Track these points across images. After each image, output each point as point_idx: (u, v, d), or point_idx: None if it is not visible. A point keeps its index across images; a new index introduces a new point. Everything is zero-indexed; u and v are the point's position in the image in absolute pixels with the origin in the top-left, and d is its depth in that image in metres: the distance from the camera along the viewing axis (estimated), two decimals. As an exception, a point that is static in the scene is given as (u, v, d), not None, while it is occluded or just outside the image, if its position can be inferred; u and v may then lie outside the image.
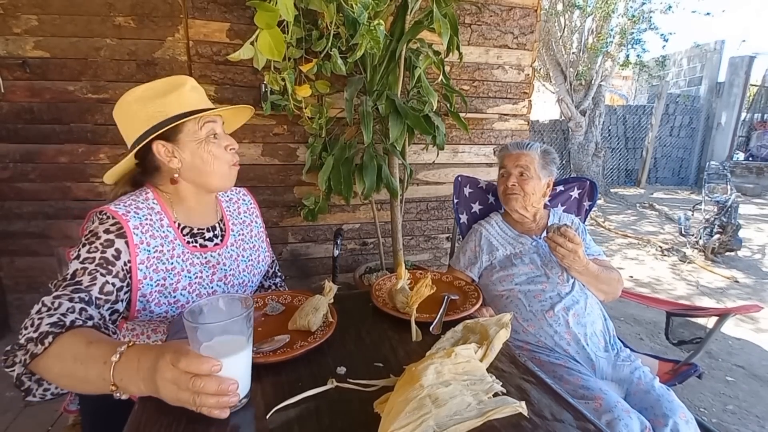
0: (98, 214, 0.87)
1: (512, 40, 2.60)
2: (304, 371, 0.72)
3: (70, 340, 0.66)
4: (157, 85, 0.91)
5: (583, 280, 1.28)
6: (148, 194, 0.93)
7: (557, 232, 1.20)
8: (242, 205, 1.14)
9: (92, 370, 0.62)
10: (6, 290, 2.29)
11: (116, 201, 0.89)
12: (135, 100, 0.89)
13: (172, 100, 0.88)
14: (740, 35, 54.16)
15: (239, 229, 1.08)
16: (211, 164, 0.92)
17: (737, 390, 2.09)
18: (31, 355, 0.64)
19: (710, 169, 4.61)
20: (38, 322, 0.67)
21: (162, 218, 0.92)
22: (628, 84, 13.33)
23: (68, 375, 0.64)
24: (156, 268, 0.88)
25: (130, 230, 0.84)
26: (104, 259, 0.81)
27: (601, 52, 6.83)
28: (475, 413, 0.57)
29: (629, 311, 2.93)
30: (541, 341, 1.23)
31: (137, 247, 0.85)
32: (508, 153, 1.47)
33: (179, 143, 0.90)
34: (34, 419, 1.70)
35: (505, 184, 1.43)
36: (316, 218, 2.26)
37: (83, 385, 0.65)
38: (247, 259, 1.08)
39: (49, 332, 0.65)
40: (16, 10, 2.00)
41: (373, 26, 1.51)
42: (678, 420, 0.99)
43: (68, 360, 0.63)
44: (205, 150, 0.91)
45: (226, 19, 2.16)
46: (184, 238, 0.95)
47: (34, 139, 2.14)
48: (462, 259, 1.47)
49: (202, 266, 0.96)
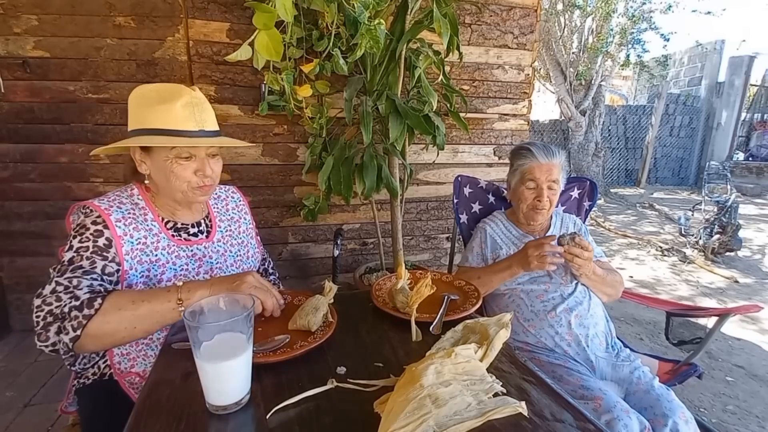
0: (82, 208, 0.91)
1: (512, 40, 2.60)
2: (304, 371, 0.72)
3: (119, 294, 0.78)
4: (161, 89, 0.91)
5: (589, 283, 1.28)
6: (133, 190, 0.97)
7: (572, 243, 1.14)
8: (231, 202, 1.16)
9: (155, 300, 0.77)
10: (6, 290, 2.29)
11: (100, 197, 0.93)
12: (135, 98, 0.92)
13: (159, 112, 0.88)
14: (740, 35, 54.10)
15: (227, 225, 1.10)
16: (173, 183, 0.92)
17: (737, 390, 2.09)
18: (84, 316, 0.73)
19: (710, 169, 4.61)
20: (70, 294, 0.76)
21: (146, 213, 0.95)
22: (628, 84, 13.32)
23: (128, 319, 0.76)
24: (140, 259, 0.90)
25: (112, 223, 0.88)
26: (97, 247, 0.85)
27: (601, 52, 6.82)
28: (475, 413, 0.57)
29: (629, 311, 2.93)
30: (541, 341, 1.23)
31: (121, 238, 0.88)
32: (537, 163, 1.33)
33: (150, 153, 0.92)
34: (34, 419, 1.69)
35: (536, 199, 1.33)
36: (316, 218, 2.26)
37: (143, 321, 0.77)
38: (235, 254, 1.09)
39: (93, 297, 0.76)
40: (16, 10, 2.00)
41: (373, 26, 1.51)
42: (678, 420, 0.99)
43: (128, 307, 0.76)
44: (170, 169, 0.91)
45: (226, 19, 2.16)
46: (169, 231, 0.98)
47: (34, 138, 2.14)
48: (471, 258, 1.44)
49: (188, 258, 0.98)
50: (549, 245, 1.16)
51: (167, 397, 0.65)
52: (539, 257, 1.16)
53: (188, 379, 0.68)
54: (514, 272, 1.25)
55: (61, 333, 0.74)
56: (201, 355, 0.60)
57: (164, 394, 0.66)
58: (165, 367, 0.73)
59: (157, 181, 0.94)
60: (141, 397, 0.65)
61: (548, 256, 1.15)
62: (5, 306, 2.30)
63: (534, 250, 1.17)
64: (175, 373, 0.71)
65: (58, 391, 1.86)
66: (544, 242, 1.17)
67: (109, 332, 0.77)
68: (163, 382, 0.69)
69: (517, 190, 1.40)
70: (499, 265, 1.29)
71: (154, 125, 0.88)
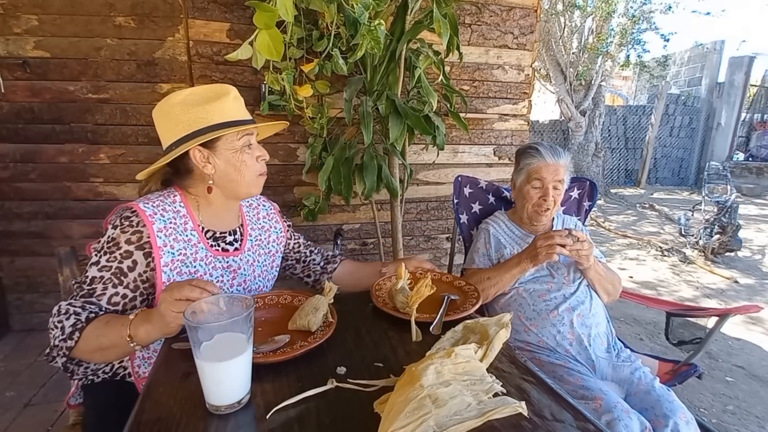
0: (125, 211, 0.89)
1: (512, 40, 2.60)
2: (304, 371, 0.72)
3: (90, 328, 0.81)
4: (201, 91, 0.93)
5: (594, 278, 1.28)
6: (175, 197, 0.95)
7: (571, 237, 1.16)
8: (261, 210, 1.16)
9: (113, 335, 0.79)
10: (6, 290, 2.29)
11: (145, 199, 0.91)
12: (179, 103, 0.90)
13: (214, 108, 0.90)
14: (740, 35, 54.11)
15: (257, 235, 1.11)
16: (243, 173, 0.95)
17: (737, 390, 2.09)
18: (67, 348, 0.80)
19: (710, 169, 4.61)
20: (61, 326, 0.81)
21: (187, 221, 0.94)
22: (628, 84, 13.33)
23: (97, 348, 0.81)
24: (180, 270, 0.91)
25: (154, 233, 0.87)
26: (119, 270, 0.86)
27: (601, 52, 6.83)
28: (475, 413, 0.57)
29: (629, 311, 2.93)
30: (542, 341, 1.23)
31: (161, 249, 0.88)
32: (545, 163, 1.34)
33: (215, 150, 0.92)
34: (34, 419, 1.69)
35: (542, 198, 1.34)
36: (316, 218, 2.26)
37: (109, 352, 0.82)
38: (262, 264, 1.11)
39: (74, 330, 0.80)
40: (16, 10, 2.00)
41: (373, 26, 1.51)
42: (678, 420, 0.99)
43: (93, 339, 0.80)
44: (239, 159, 0.94)
45: (227, 19, 2.16)
46: (208, 241, 0.98)
47: (34, 138, 2.14)
48: (477, 259, 1.43)
49: (224, 270, 0.99)
50: (559, 236, 1.17)
51: (167, 397, 0.65)
52: (548, 247, 1.17)
53: (188, 379, 0.68)
54: (524, 268, 1.26)
55: (57, 357, 0.82)
56: (201, 356, 0.60)
57: (164, 394, 0.66)
58: (165, 367, 0.73)
59: (225, 176, 0.95)
60: (141, 397, 0.65)
61: (557, 246, 1.16)
62: (5, 306, 2.30)
63: (543, 241, 1.19)
64: (175, 373, 0.71)
65: (58, 391, 1.86)
66: (553, 234, 1.18)
67: (87, 358, 0.85)
68: (163, 382, 0.69)
69: (522, 189, 1.40)
70: (508, 262, 1.30)
71: (215, 120, 0.90)
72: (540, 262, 1.22)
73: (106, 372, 0.98)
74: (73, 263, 1.10)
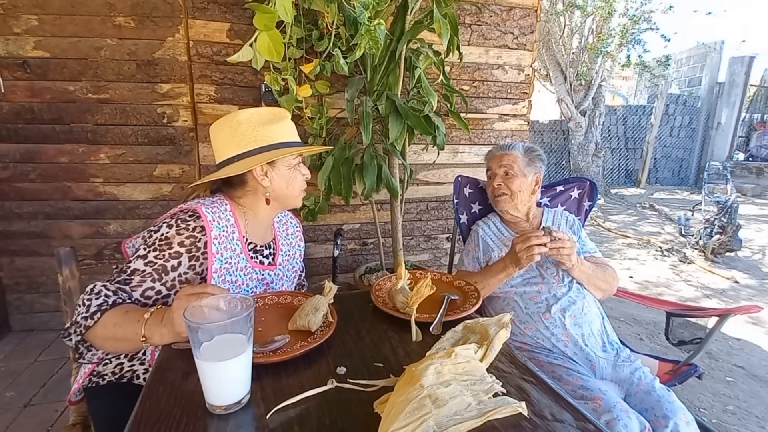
0: (185, 213, 0.93)
1: (512, 40, 2.60)
2: (304, 371, 0.73)
3: (112, 312, 0.83)
4: (264, 112, 1.03)
5: (581, 277, 1.27)
6: (226, 206, 1.00)
7: (548, 235, 1.17)
8: (290, 227, 1.22)
9: (129, 329, 0.81)
10: (6, 290, 2.29)
11: (204, 204, 0.95)
12: (246, 121, 0.98)
13: (277, 129, 1.00)
14: (740, 35, 54.09)
15: (287, 250, 1.16)
16: (294, 187, 1.05)
17: (737, 390, 2.09)
18: (84, 327, 0.82)
19: (710, 169, 4.61)
20: (88, 304, 0.84)
21: (234, 231, 0.99)
22: (628, 84, 13.33)
23: (111, 337, 0.82)
24: (224, 278, 0.94)
25: (211, 239, 0.91)
26: (162, 267, 0.89)
27: (601, 52, 6.83)
28: (475, 413, 0.57)
29: (629, 311, 2.93)
30: (538, 343, 1.23)
31: (213, 256, 0.91)
32: (492, 155, 1.48)
33: (274, 166, 1.01)
34: (34, 419, 1.69)
35: (492, 185, 1.44)
36: (316, 218, 2.26)
37: (121, 344, 0.84)
38: (289, 279, 1.16)
39: (97, 311, 0.83)
40: (16, 10, 2.00)
41: (373, 26, 1.51)
42: (678, 421, 0.99)
43: (110, 326, 0.82)
44: (292, 175, 1.04)
45: (226, 20, 2.16)
46: (249, 252, 1.02)
47: (34, 139, 2.14)
48: (467, 261, 1.46)
49: (258, 282, 1.04)
50: (534, 236, 1.17)
51: (167, 397, 0.65)
52: (527, 250, 1.18)
53: (188, 379, 0.68)
54: (509, 273, 1.27)
55: (72, 334, 0.84)
56: (201, 356, 0.60)
57: (164, 394, 0.66)
58: (165, 367, 0.73)
59: (278, 190, 1.03)
60: (141, 397, 0.65)
61: (535, 246, 1.16)
62: (5, 306, 2.30)
63: (522, 245, 1.19)
64: (175, 373, 0.71)
65: (58, 391, 1.86)
66: (529, 236, 1.18)
67: (98, 344, 0.86)
68: (163, 382, 0.69)
69: (487, 187, 1.50)
70: (494, 267, 1.30)
71: (278, 139, 1.00)
72: (524, 265, 1.22)
73: (114, 373, 0.98)
74: (73, 263, 1.10)
